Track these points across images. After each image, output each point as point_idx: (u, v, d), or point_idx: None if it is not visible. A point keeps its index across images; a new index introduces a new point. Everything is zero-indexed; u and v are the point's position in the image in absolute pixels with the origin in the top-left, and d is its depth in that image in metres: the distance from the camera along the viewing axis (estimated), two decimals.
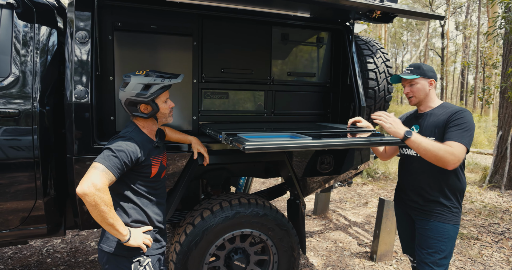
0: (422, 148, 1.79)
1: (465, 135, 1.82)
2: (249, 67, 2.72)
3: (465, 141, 1.81)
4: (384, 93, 2.88)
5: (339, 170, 2.74)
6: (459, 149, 1.78)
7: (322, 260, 3.56)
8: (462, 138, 1.81)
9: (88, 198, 1.41)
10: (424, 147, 1.78)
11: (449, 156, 1.76)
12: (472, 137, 1.83)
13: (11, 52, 2.02)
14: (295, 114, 2.93)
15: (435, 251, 1.94)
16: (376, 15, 2.12)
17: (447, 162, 1.77)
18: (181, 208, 3.07)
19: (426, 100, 2.07)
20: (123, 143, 1.58)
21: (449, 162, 1.77)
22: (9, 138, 1.95)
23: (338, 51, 2.93)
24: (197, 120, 2.60)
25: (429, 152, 1.78)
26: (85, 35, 2.07)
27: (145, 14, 2.36)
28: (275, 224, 2.48)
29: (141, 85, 1.69)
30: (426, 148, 1.78)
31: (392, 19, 2.23)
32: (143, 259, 1.63)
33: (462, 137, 1.81)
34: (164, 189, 1.88)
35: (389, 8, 1.99)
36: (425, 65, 2.09)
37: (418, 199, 2.06)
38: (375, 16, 2.13)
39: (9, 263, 3.28)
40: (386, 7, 1.98)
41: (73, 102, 1.98)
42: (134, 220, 1.67)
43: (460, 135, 1.82)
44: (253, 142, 1.68)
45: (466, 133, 1.82)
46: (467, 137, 1.82)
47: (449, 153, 1.76)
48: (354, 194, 6.19)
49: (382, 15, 2.15)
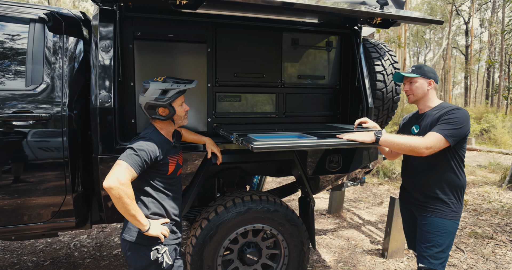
0: (396, 143, 1.93)
1: (446, 127, 1.92)
2: (260, 71, 2.86)
3: (444, 132, 1.90)
4: (392, 94, 2.96)
5: (347, 168, 2.84)
6: (432, 138, 1.90)
7: (334, 257, 3.66)
8: (442, 130, 1.91)
9: (113, 191, 1.59)
10: (397, 142, 1.93)
11: (419, 144, 1.88)
12: (458, 131, 1.91)
13: (43, 62, 2.24)
14: (306, 115, 3.04)
15: (433, 245, 2.03)
16: (376, 22, 2.22)
17: (418, 150, 1.90)
18: (198, 205, 3.25)
19: (424, 99, 2.16)
20: (144, 143, 1.76)
21: (419, 150, 1.89)
22: (42, 140, 2.16)
23: (347, 54, 3.03)
24: (212, 122, 2.76)
25: (401, 145, 1.92)
26: (108, 44, 2.26)
27: (162, 24, 2.55)
28: (285, 219, 2.61)
29: (159, 90, 1.87)
30: (399, 142, 1.92)
31: (393, 24, 2.32)
32: (161, 248, 1.80)
33: (442, 129, 1.92)
34: (180, 185, 2.05)
35: (388, 15, 2.09)
36: (426, 66, 2.19)
37: (419, 196, 2.15)
38: (375, 22, 2.23)
39: (41, 256, 3.54)
40: (385, 14, 2.08)
41: (98, 107, 2.18)
42: (153, 212, 1.84)
43: (441, 128, 1.93)
44: (261, 142, 1.83)
45: (449, 126, 1.92)
46: (448, 129, 1.91)
47: (419, 142, 1.89)
48: (369, 194, 6.23)
49: (382, 21, 2.25)
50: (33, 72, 2.21)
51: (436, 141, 1.90)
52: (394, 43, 10.81)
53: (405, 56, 16.68)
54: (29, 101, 2.16)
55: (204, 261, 2.45)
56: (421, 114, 2.21)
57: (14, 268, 3.27)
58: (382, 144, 1.96)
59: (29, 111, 2.14)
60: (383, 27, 2.35)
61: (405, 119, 2.40)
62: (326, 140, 1.98)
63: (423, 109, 2.20)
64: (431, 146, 1.89)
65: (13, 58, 2.22)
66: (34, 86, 2.20)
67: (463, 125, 1.95)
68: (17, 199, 2.16)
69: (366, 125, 2.45)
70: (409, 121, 2.32)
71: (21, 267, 3.28)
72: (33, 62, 2.22)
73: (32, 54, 2.22)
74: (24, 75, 2.20)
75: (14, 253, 3.59)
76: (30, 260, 3.44)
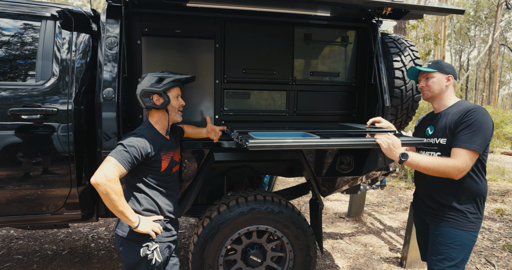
0: (422, 167, 1.79)
1: (474, 138, 1.74)
2: (270, 67, 2.77)
3: (473, 146, 1.74)
4: (412, 92, 2.76)
5: (359, 171, 2.69)
6: (463, 158, 1.74)
7: (349, 263, 3.51)
8: (471, 143, 1.74)
9: (100, 187, 1.58)
10: (424, 167, 1.79)
11: (451, 170, 1.74)
12: (484, 138, 1.75)
13: (52, 58, 2.29)
14: (318, 114, 2.92)
15: (445, 258, 1.85)
16: (386, 12, 2.06)
17: (450, 176, 1.77)
18: (206, 202, 3.24)
19: (441, 97, 1.98)
20: (134, 139, 1.74)
21: (452, 175, 1.76)
22: (49, 134, 2.22)
23: (365, 50, 2.87)
24: (220, 119, 2.72)
25: (429, 170, 1.78)
26: (114, 41, 2.28)
27: (170, 20, 2.53)
28: (291, 221, 2.51)
29: (156, 78, 1.91)
30: (426, 167, 1.78)
31: (405, 15, 2.14)
32: (151, 244, 1.78)
33: (470, 142, 1.75)
34: (176, 182, 2.02)
35: (397, 5, 1.93)
36: (444, 61, 2.01)
37: (431, 203, 1.98)
38: (385, 13, 2.07)
39: (60, 245, 3.69)
40: (395, 3, 1.92)
41: (102, 102, 2.20)
42: (145, 209, 1.83)
43: (467, 139, 1.75)
44: (256, 140, 1.76)
45: (475, 136, 1.74)
46: (476, 140, 1.74)
47: (450, 167, 1.74)
48: (394, 198, 5.94)
49: (393, 12, 2.08)
50: (42, 68, 2.27)
51: (468, 160, 1.74)
52: (430, 40, 10.24)
53: (444, 54, 15.81)
54: (37, 95, 2.22)
55: (205, 260, 2.42)
56: (436, 114, 2.03)
57: (35, 255, 3.42)
58: (408, 165, 1.82)
59: (37, 106, 2.20)
60: (394, 18, 2.18)
61: (420, 119, 2.23)
62: (328, 140, 1.86)
63: (438, 108, 2.03)
64: (464, 169, 1.74)
65: (25, 55, 2.30)
66: (43, 81, 2.26)
67: (486, 127, 1.77)
68: (26, 190, 2.23)
69: (380, 125, 2.31)
70: (423, 122, 2.15)
71: (41, 255, 3.43)
72: (43, 58, 2.28)
73: (42, 50, 2.28)
74: (34, 71, 2.27)
75: (38, 241, 3.77)
76: (50, 248, 3.59)
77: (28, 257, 3.37)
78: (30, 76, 2.27)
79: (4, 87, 2.18)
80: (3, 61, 2.27)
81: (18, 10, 2.29)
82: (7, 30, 2.28)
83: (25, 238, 3.83)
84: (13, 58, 2.29)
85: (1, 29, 2.27)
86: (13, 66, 2.29)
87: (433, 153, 1.96)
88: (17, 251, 3.48)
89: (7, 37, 2.27)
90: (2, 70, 2.26)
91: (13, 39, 2.29)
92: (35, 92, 2.22)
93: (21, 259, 3.32)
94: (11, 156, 2.18)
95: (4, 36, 2.27)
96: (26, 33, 2.32)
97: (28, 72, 2.29)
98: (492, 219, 4.93)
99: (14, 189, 2.20)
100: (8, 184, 2.19)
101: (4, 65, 2.28)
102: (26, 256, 3.38)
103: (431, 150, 1.98)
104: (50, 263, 3.24)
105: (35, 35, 2.31)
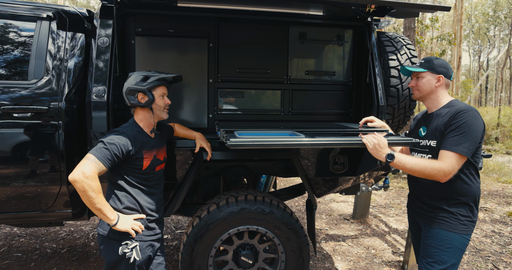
0: (408, 169, 1.75)
1: (461, 141, 1.69)
2: (265, 66, 2.75)
3: (460, 149, 1.68)
4: (409, 91, 2.69)
5: (354, 171, 2.63)
6: (449, 161, 1.69)
7: (348, 266, 3.43)
8: (457, 146, 1.69)
9: (77, 184, 1.59)
10: (410, 168, 1.74)
11: (437, 172, 1.69)
12: (472, 141, 1.69)
13: (45, 57, 2.33)
14: (314, 113, 2.88)
15: (435, 261, 1.78)
16: (370, 9, 2.00)
17: (436, 178, 1.72)
18: (202, 203, 3.22)
19: (431, 97, 1.91)
20: (115, 137, 1.74)
21: (437, 178, 1.71)
22: (39, 132, 2.24)
23: (361, 49, 2.81)
24: (213, 118, 2.71)
25: (415, 172, 1.74)
26: (106, 41, 2.30)
27: (163, 19, 2.54)
28: (282, 222, 2.47)
29: (141, 76, 1.91)
30: (412, 169, 1.74)
31: (389, 12, 2.08)
32: (131, 243, 1.77)
33: (457, 144, 1.69)
34: (159, 181, 2.01)
35: (379, 2, 1.87)
36: (438, 59, 1.93)
37: (423, 205, 1.91)
38: (369, 10, 2.01)
39: (60, 243, 3.74)
40: (376, 1, 1.86)
41: (92, 100, 2.22)
42: (126, 207, 1.82)
43: (455, 142, 1.70)
44: (237, 139, 1.74)
45: (463, 138, 1.69)
46: (463, 143, 1.68)
47: (436, 170, 1.69)
48: (403, 200, 5.81)
49: (377, 9, 2.03)
50: (35, 67, 2.31)
51: (454, 163, 1.69)
52: (444, 40, 10.01)
53: (460, 54, 15.42)
54: (29, 94, 2.25)
55: (194, 261, 2.40)
56: (429, 114, 1.96)
57: (34, 253, 3.48)
58: (394, 166, 1.78)
59: (28, 104, 2.23)
60: (379, 15, 2.12)
61: (414, 119, 2.16)
62: (312, 139, 1.83)
63: (430, 108, 1.96)
64: (449, 172, 1.69)
65: (18, 54, 2.34)
66: (36, 80, 2.29)
67: (475, 130, 1.71)
68: (17, 188, 2.26)
69: (373, 125, 2.26)
70: (417, 122, 2.08)
71: (40, 253, 3.48)
72: (37, 57, 2.32)
73: (36, 50, 2.32)
74: (27, 70, 2.31)
75: (39, 239, 3.83)
76: (50, 246, 3.64)
77: (27, 255, 3.43)
78: (23, 75, 2.31)
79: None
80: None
81: (13, 11, 2.34)
82: (1, 30, 2.33)
83: (27, 236, 3.90)
84: (6, 57, 2.34)
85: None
86: (6, 65, 2.33)
87: (424, 155, 1.90)
88: (17, 249, 3.55)
89: (1, 37, 2.32)
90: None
91: (7, 38, 2.34)
92: (27, 90, 2.25)
93: (20, 256, 3.38)
94: (2, 154, 2.21)
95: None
96: (21, 33, 2.36)
97: (21, 71, 2.33)
98: (503, 223, 4.75)
99: (5, 187, 2.23)
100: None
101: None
102: (25, 254, 3.44)
103: (423, 152, 1.92)
104: (48, 261, 3.29)
105: (29, 35, 2.35)
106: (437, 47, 18.86)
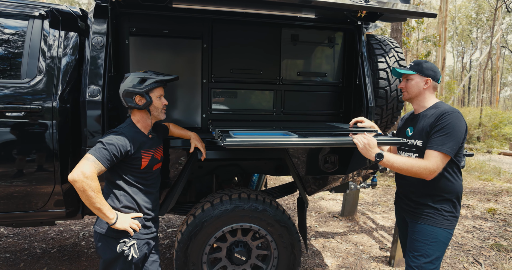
0: (396, 168, 1.84)
1: (445, 141, 1.79)
2: (258, 67, 2.80)
3: (444, 148, 1.78)
4: (397, 93, 2.78)
5: (344, 169, 2.71)
6: (434, 160, 1.79)
7: (338, 262, 3.52)
8: (442, 146, 1.79)
9: (77, 184, 1.61)
10: (398, 167, 1.83)
11: (423, 171, 1.78)
12: (455, 142, 1.80)
13: (39, 56, 2.32)
14: (306, 113, 2.94)
15: (421, 254, 1.88)
16: (361, 15, 2.08)
17: (422, 176, 1.81)
18: (195, 201, 3.25)
19: (419, 99, 2.00)
20: (114, 137, 1.77)
21: (423, 176, 1.81)
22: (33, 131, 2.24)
23: (351, 51, 2.89)
24: (207, 118, 2.74)
25: (403, 171, 1.83)
26: (100, 40, 2.31)
27: (157, 20, 2.56)
28: (274, 220, 2.53)
29: (138, 78, 1.92)
30: (400, 168, 1.83)
31: (379, 17, 2.16)
32: (129, 241, 1.80)
33: (441, 144, 1.79)
34: (156, 180, 2.05)
35: (371, 8, 1.94)
36: (427, 62, 2.02)
37: (410, 202, 2.01)
38: (360, 16, 2.09)
39: (50, 243, 3.71)
40: (368, 7, 1.93)
41: (87, 100, 2.23)
42: (124, 206, 1.85)
43: (439, 142, 1.80)
44: (234, 139, 1.78)
45: (446, 139, 1.79)
46: (447, 143, 1.78)
47: (422, 168, 1.78)
48: (390, 198, 5.95)
49: (368, 14, 2.10)
50: (28, 66, 2.30)
51: (439, 162, 1.79)
52: (429, 41, 10.25)
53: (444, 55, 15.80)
54: (22, 93, 2.24)
55: (188, 258, 2.44)
56: (416, 115, 2.05)
57: (23, 253, 3.45)
58: (383, 165, 1.87)
59: (21, 103, 2.22)
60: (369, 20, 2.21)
61: (402, 119, 2.25)
62: (305, 138, 1.88)
63: (418, 109, 2.05)
64: (435, 170, 1.79)
65: (11, 53, 2.33)
66: (29, 79, 2.28)
67: (459, 131, 1.81)
68: (10, 187, 2.25)
69: (362, 125, 2.33)
70: (405, 122, 2.18)
71: (30, 253, 3.45)
72: (30, 56, 2.31)
73: (29, 48, 2.31)
74: (20, 69, 2.30)
75: (27, 239, 3.80)
76: (39, 246, 3.61)
77: (15, 255, 3.40)
78: (16, 74, 2.30)
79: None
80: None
81: (5, 9, 2.32)
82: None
83: (15, 236, 3.86)
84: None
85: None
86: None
87: (411, 154, 1.99)
88: (5, 249, 3.51)
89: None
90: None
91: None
92: (20, 89, 2.25)
93: (8, 257, 3.34)
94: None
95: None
96: (13, 32, 2.35)
97: (14, 70, 2.32)
98: (483, 219, 4.93)
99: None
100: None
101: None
102: (14, 254, 3.41)
103: (410, 151, 2.01)
104: (38, 261, 3.27)
105: (22, 34, 2.34)
106: (423, 48, 19.29)
